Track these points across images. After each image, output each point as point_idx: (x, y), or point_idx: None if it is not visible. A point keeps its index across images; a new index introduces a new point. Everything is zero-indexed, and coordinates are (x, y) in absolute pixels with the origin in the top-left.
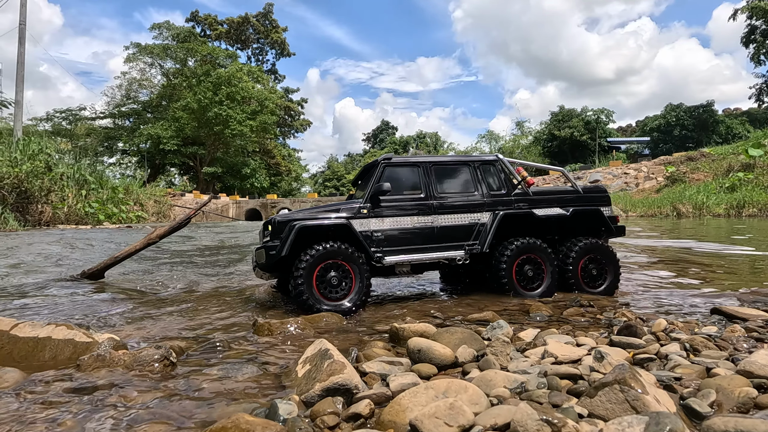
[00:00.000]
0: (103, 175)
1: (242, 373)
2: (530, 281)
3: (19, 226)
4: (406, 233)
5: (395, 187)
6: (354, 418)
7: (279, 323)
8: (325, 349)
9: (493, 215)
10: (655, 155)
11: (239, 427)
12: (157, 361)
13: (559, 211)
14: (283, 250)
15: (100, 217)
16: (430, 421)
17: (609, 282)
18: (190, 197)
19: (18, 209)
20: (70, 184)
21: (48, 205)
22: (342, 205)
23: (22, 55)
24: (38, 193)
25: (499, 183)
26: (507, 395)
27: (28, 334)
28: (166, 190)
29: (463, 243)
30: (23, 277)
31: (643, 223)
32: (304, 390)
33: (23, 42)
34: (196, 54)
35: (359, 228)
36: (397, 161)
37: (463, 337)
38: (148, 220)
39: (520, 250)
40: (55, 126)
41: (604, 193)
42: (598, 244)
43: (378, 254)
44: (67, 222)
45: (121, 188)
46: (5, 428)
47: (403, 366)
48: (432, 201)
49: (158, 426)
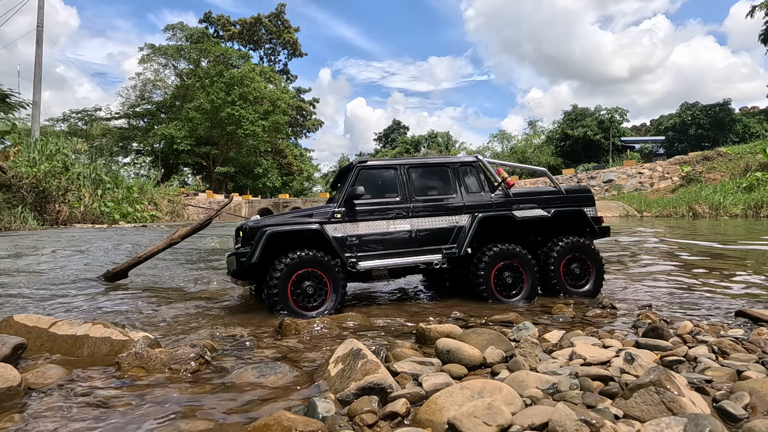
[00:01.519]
0: (118, 175)
1: (275, 371)
2: (509, 288)
3: (37, 225)
4: (382, 237)
5: (371, 191)
6: (391, 416)
7: (306, 323)
8: (357, 348)
9: (471, 218)
10: (670, 155)
11: (281, 424)
12: (193, 360)
13: (540, 212)
14: (254, 256)
15: (116, 216)
16: (468, 420)
17: (593, 281)
18: (203, 196)
19: (36, 208)
20: (86, 184)
21: (65, 205)
22: (315, 210)
23: (39, 57)
24: (56, 192)
25: (479, 185)
26: (540, 396)
27: (66, 332)
28: (179, 190)
29: (440, 246)
30: (50, 276)
31: (658, 222)
32: (339, 389)
33: (41, 44)
34: (209, 54)
35: (333, 233)
36: (373, 164)
37: (490, 338)
38: (162, 220)
39: (498, 256)
40: (71, 126)
41: (587, 194)
42: (580, 243)
43: (352, 260)
44: (83, 221)
45: (136, 188)
46: (53, 423)
47: (434, 366)
48: (408, 204)
49: (201, 422)
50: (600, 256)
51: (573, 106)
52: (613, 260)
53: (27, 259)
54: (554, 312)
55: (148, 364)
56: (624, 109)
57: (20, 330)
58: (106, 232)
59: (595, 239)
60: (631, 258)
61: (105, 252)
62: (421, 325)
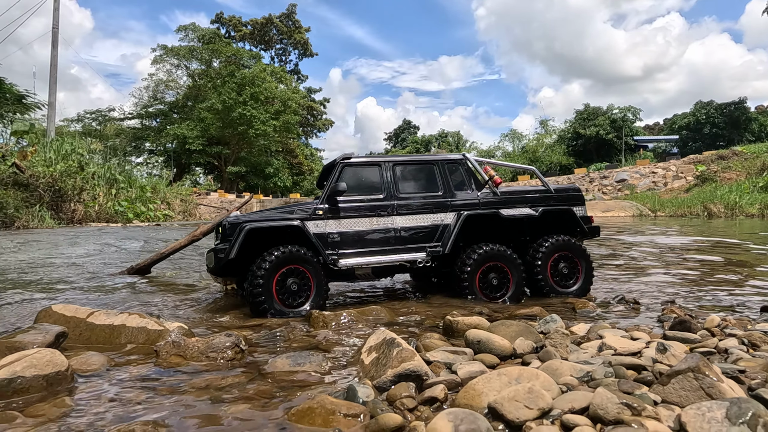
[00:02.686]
0: (132, 175)
1: (309, 360)
2: (494, 289)
3: (54, 224)
4: (364, 235)
5: (355, 188)
6: (430, 401)
7: (333, 315)
8: (391, 338)
9: (457, 216)
10: (684, 154)
11: (325, 407)
12: (229, 348)
13: (527, 211)
14: (232, 253)
15: (129, 215)
16: (510, 404)
17: (582, 281)
18: (215, 196)
19: (52, 207)
20: (100, 184)
21: (80, 204)
22: (297, 206)
23: (55, 58)
24: (71, 192)
25: (465, 183)
26: (575, 383)
27: (103, 321)
28: (191, 189)
29: (425, 245)
30: (75, 271)
31: (672, 222)
32: (375, 376)
33: (56, 45)
34: (220, 55)
35: (314, 230)
36: (357, 161)
37: (518, 330)
38: (174, 219)
39: (484, 258)
40: (86, 127)
41: (576, 192)
42: (568, 242)
43: (333, 257)
44: (98, 220)
45: (149, 187)
46: (103, 407)
47: (466, 356)
48: (392, 201)
49: (244, 406)
50: (589, 256)
51: (585, 105)
52: (633, 257)
53: (52, 255)
54: (578, 307)
55: (186, 352)
56: (637, 108)
57: (59, 319)
58: (122, 231)
59: (585, 239)
60: (650, 256)
61: (125, 248)
62: (448, 317)
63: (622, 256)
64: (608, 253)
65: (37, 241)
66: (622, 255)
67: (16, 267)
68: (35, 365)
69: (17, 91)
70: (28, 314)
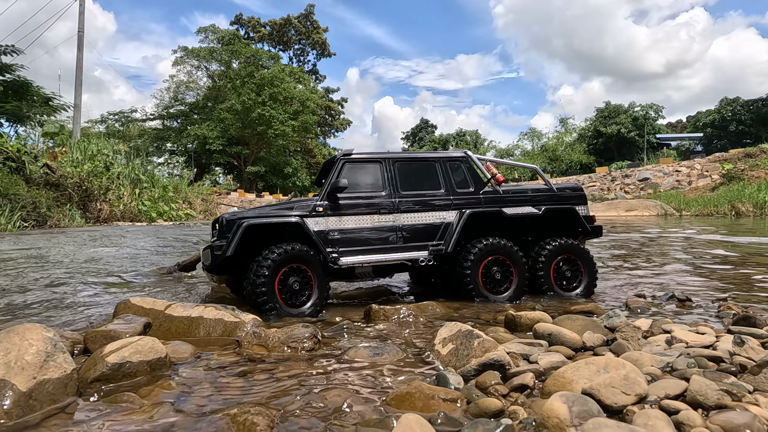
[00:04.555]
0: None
1: (386, 350)
2: (498, 284)
3: (84, 223)
4: (365, 233)
5: (356, 184)
6: (521, 388)
7: (393, 309)
8: (468, 330)
9: (459, 214)
10: (709, 152)
11: (423, 392)
12: (308, 339)
13: (530, 209)
14: (229, 250)
15: (153, 214)
16: (607, 390)
17: (585, 284)
18: (235, 195)
19: (80, 207)
20: (125, 183)
21: (106, 203)
22: (296, 202)
23: (80, 61)
24: (97, 191)
25: (467, 180)
26: (658, 373)
27: (181, 313)
28: (212, 189)
29: (427, 243)
30: (123, 268)
31: (698, 222)
32: (458, 365)
33: (81, 48)
34: (240, 56)
35: (314, 227)
36: (358, 157)
37: (584, 324)
38: (196, 218)
39: (486, 251)
40: (109, 128)
41: (579, 192)
42: (571, 244)
43: (333, 255)
44: (123, 219)
45: (171, 187)
46: (207, 391)
47: (542, 347)
48: (394, 199)
49: (337, 391)
50: (592, 259)
51: (606, 103)
52: (672, 254)
53: (95, 252)
54: (630, 304)
55: (267, 342)
56: (659, 106)
57: (138, 311)
58: (151, 229)
59: (587, 239)
60: (688, 253)
61: (162, 245)
62: (510, 311)
63: (649, 252)
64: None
65: (74, 240)
66: (648, 251)
67: (71, 262)
68: (140, 351)
69: (44, 93)
70: (94, 305)
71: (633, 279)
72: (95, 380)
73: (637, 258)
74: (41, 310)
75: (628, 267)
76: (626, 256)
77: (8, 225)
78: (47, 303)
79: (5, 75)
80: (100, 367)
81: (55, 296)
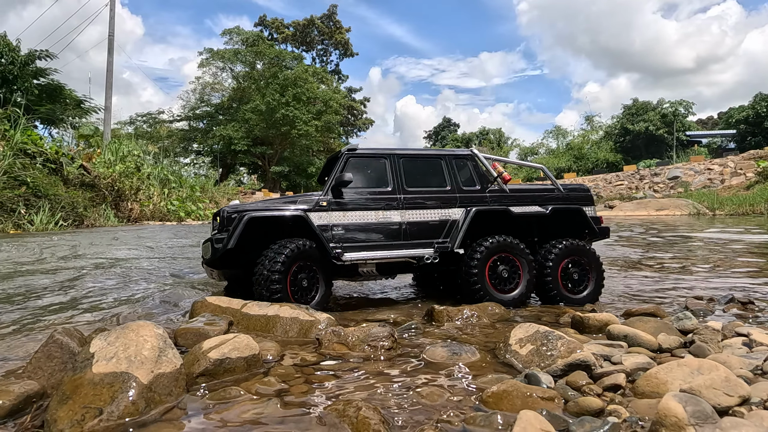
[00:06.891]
0: (181, 175)
1: (463, 350)
2: (505, 283)
3: (117, 222)
4: (370, 229)
5: (361, 180)
6: (614, 388)
7: (456, 310)
8: (546, 330)
9: (465, 211)
10: (743, 149)
11: (519, 390)
12: (386, 338)
13: (537, 209)
14: (230, 242)
15: (181, 214)
16: (708, 392)
17: (592, 287)
18: (260, 195)
19: (112, 206)
20: (154, 183)
21: (137, 203)
22: (300, 197)
23: (110, 64)
24: (129, 191)
25: (474, 178)
26: (750, 376)
27: (257, 312)
28: (237, 189)
29: (432, 240)
30: (179, 265)
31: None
32: (543, 365)
33: (112, 52)
34: (264, 57)
35: (317, 221)
36: (363, 152)
37: (657, 326)
38: None
39: (493, 248)
40: (138, 129)
41: (586, 192)
42: (580, 246)
43: (337, 250)
44: (152, 218)
45: (198, 187)
46: (305, 386)
47: (623, 348)
48: (399, 195)
49: (428, 389)
50: (600, 261)
51: (633, 100)
52: (720, 256)
53: (144, 251)
54: (689, 306)
55: (347, 341)
56: (689, 102)
57: (215, 310)
58: (184, 228)
59: (594, 240)
60: (736, 254)
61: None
62: (578, 313)
63: (702, 255)
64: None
65: (116, 239)
66: (702, 254)
67: (123, 261)
68: (237, 348)
69: (76, 96)
70: (162, 302)
71: (682, 282)
72: (200, 375)
73: (687, 260)
74: (113, 305)
75: (677, 268)
76: (677, 258)
77: (50, 224)
78: (121, 300)
79: (40, 79)
80: (203, 362)
81: (123, 294)
